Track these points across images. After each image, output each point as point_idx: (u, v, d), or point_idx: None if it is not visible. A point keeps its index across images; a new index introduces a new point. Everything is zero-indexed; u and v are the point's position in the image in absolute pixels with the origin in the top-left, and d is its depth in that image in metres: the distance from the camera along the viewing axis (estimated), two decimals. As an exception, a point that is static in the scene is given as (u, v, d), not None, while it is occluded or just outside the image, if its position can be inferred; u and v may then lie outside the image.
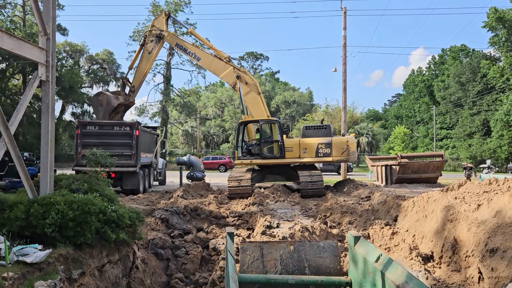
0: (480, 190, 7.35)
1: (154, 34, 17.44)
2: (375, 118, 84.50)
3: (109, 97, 16.93)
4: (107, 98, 16.83)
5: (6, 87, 40.72)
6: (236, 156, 16.53)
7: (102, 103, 16.75)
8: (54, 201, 5.82)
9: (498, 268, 5.41)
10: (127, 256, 6.95)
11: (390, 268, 4.56)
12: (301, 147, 16.03)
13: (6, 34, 5.68)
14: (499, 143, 50.15)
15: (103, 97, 16.94)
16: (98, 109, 16.86)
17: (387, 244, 8.12)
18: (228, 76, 17.06)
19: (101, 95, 17.11)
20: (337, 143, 16.10)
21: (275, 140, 15.99)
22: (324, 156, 16.07)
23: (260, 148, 15.95)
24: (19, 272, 4.62)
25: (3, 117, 5.69)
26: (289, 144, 16.09)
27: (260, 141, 16.04)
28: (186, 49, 17.55)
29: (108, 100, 16.78)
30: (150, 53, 17.48)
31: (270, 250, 6.16)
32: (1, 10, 43.11)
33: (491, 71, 54.26)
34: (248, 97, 16.92)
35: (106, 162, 8.36)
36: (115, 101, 16.95)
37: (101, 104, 16.76)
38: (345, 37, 26.54)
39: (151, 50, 17.46)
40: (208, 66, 17.65)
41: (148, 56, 17.52)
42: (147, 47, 17.48)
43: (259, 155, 15.95)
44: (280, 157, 15.88)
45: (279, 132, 16.13)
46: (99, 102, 16.86)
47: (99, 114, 16.81)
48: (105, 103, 16.71)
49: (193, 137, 69.24)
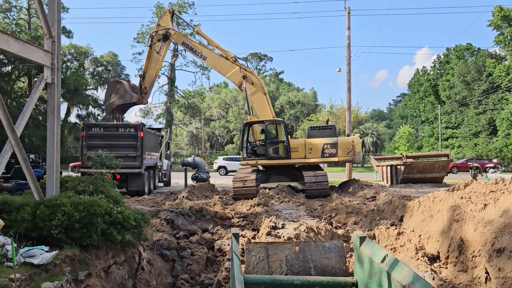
0: (487, 189, 7.31)
1: (160, 33, 17.24)
2: (380, 118, 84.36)
3: (126, 90, 16.51)
4: (124, 90, 16.42)
5: (11, 90, 40.98)
6: (241, 157, 16.55)
7: (119, 92, 16.39)
8: (60, 203, 5.85)
9: (505, 268, 5.36)
10: (132, 257, 6.97)
11: (396, 268, 4.54)
12: (307, 148, 16.05)
13: (11, 37, 5.72)
14: (505, 142, 49.78)
15: (121, 87, 16.54)
16: (111, 96, 16.53)
17: (392, 245, 8.09)
18: (234, 75, 17.00)
19: (120, 84, 16.74)
20: (343, 143, 16.21)
21: (281, 141, 15.98)
22: (330, 157, 16.13)
23: (266, 149, 15.93)
24: (26, 274, 4.65)
25: (9, 119, 5.73)
26: (294, 144, 16.07)
27: (266, 141, 16.02)
28: (193, 47, 17.36)
29: (124, 93, 16.37)
30: (158, 52, 17.31)
31: (275, 250, 6.15)
32: (7, 14, 43.47)
33: (496, 70, 53.89)
34: (254, 97, 16.89)
35: (111, 163, 8.40)
36: (130, 97, 16.56)
37: (116, 93, 16.46)
38: (349, 37, 26.48)
39: (159, 50, 17.28)
40: (214, 65, 17.51)
41: (157, 56, 17.35)
42: (155, 47, 17.30)
43: (265, 156, 15.94)
44: (286, 158, 15.86)
45: (285, 132, 16.11)
46: (115, 90, 16.56)
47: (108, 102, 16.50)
48: (120, 94, 16.34)
49: (197, 138, 69.39)
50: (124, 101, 16.58)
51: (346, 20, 26.41)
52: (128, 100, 16.58)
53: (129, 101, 16.63)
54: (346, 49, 26.43)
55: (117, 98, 16.38)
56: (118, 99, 16.39)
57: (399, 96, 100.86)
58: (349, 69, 26.39)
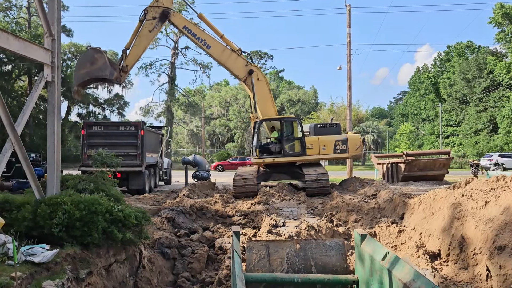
0: (488, 187, 7.30)
1: (158, 10, 14.88)
2: (381, 116, 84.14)
3: (106, 63, 13.73)
4: (104, 63, 13.66)
5: (12, 89, 40.98)
6: (256, 155, 16.07)
7: (96, 63, 13.57)
8: (61, 201, 5.86)
9: (506, 266, 5.36)
10: (133, 256, 6.98)
11: (397, 266, 4.53)
12: (321, 144, 16.41)
13: (12, 36, 5.71)
14: (506, 140, 49.71)
15: (101, 58, 13.65)
16: (85, 65, 13.64)
17: (393, 242, 8.09)
18: (240, 69, 16.13)
19: (99, 55, 13.73)
20: (352, 139, 16.93)
21: (297, 138, 16.23)
22: (341, 153, 16.72)
23: (282, 146, 15.98)
24: (27, 272, 4.65)
25: (9, 118, 5.73)
26: (309, 141, 16.36)
27: (282, 139, 16.08)
28: (195, 34, 15.49)
29: (104, 66, 13.63)
30: (151, 31, 14.97)
31: (276, 249, 6.15)
32: (7, 12, 43.45)
33: (497, 67, 53.75)
34: (260, 93, 16.41)
35: (112, 162, 8.40)
36: (111, 73, 13.83)
37: (92, 63, 13.57)
38: (350, 35, 26.42)
39: (152, 29, 14.91)
40: (218, 56, 15.90)
41: (148, 34, 14.97)
42: (147, 24, 14.81)
43: (281, 153, 15.98)
44: (302, 155, 16.08)
45: (300, 130, 16.40)
46: (92, 59, 13.63)
47: (81, 70, 13.65)
48: (97, 65, 13.58)
49: (198, 136, 69.40)
50: (102, 75, 13.77)
51: (347, 18, 26.36)
52: (107, 76, 13.77)
53: (108, 77, 13.84)
54: (347, 47, 26.39)
55: (94, 70, 13.54)
56: (95, 71, 13.56)
57: (400, 94, 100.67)
58: (350, 67, 26.35)
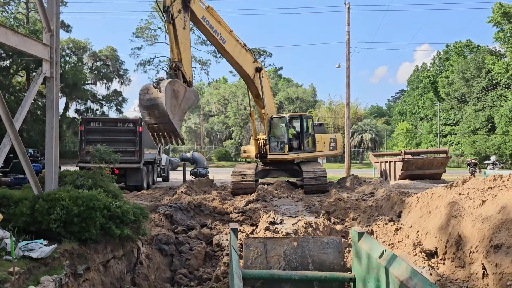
0: (485, 186, 7.33)
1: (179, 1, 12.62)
2: (379, 114, 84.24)
3: (186, 89, 11.58)
4: (184, 90, 11.47)
5: (10, 84, 40.82)
6: (285, 151, 15.95)
7: (178, 95, 11.27)
8: (59, 197, 5.86)
9: (502, 264, 5.40)
10: (131, 252, 6.99)
11: (394, 264, 4.56)
12: (322, 142, 17.68)
13: (10, 31, 5.69)
14: (503, 139, 49.83)
15: (180, 88, 11.36)
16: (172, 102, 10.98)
17: (390, 240, 8.12)
18: (249, 66, 15.61)
19: (177, 85, 11.30)
20: (338, 138, 19.57)
21: (311, 134, 17.07)
22: (332, 150, 18.65)
23: (299, 142, 16.57)
24: (25, 267, 4.66)
25: (8, 113, 5.72)
26: (317, 138, 17.39)
27: (302, 135, 16.70)
28: (213, 26, 14.10)
29: (189, 94, 11.64)
30: (184, 28, 12.86)
31: (273, 246, 6.16)
32: (5, 7, 43.24)
33: (496, 66, 53.80)
34: (266, 91, 16.42)
35: (110, 158, 8.40)
36: (196, 96, 12.20)
37: (176, 97, 11.20)
38: (349, 33, 26.41)
39: (184, 25, 12.80)
40: (232, 51, 14.75)
41: (183, 33, 12.79)
42: (179, 23, 12.64)
43: (299, 149, 16.50)
44: (314, 151, 17.08)
45: (312, 127, 17.30)
46: (174, 94, 11.12)
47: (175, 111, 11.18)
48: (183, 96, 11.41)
49: (196, 133, 69.34)
50: (192, 103, 12.27)
51: (346, 16, 26.33)
52: (196, 100, 12.35)
53: (197, 100, 12.55)
54: (346, 45, 26.37)
55: (184, 103, 11.63)
56: (185, 103, 11.67)
57: (398, 93, 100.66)
58: (349, 65, 26.34)
